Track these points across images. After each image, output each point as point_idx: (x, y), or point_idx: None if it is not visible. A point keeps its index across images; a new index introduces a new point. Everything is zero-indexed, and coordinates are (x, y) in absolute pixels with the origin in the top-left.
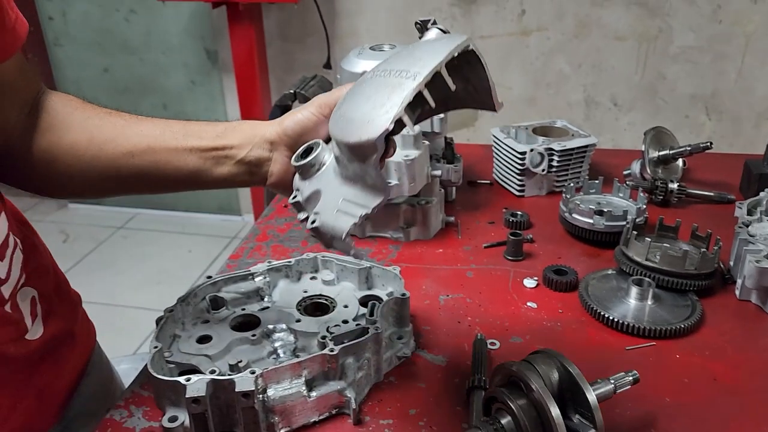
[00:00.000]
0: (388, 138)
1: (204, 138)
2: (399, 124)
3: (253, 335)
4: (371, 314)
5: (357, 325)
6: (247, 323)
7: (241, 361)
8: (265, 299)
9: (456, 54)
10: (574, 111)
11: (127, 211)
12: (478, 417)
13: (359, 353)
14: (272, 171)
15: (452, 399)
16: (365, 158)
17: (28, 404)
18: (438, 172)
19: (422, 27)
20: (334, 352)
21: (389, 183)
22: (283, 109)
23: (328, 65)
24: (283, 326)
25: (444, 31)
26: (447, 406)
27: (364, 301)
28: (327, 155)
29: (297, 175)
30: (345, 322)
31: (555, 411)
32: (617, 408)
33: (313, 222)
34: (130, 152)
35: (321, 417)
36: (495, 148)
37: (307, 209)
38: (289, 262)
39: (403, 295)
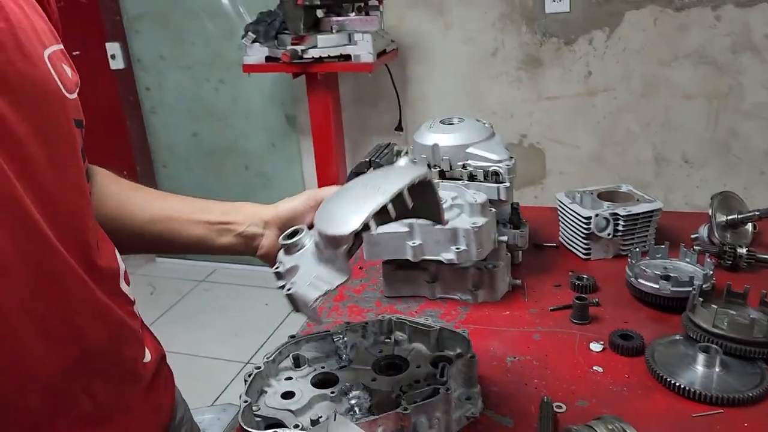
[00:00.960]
0: (357, 235)
1: (213, 213)
2: (365, 227)
3: (332, 392)
4: (441, 375)
5: (428, 385)
6: (326, 381)
7: (321, 417)
8: (343, 357)
9: (416, 182)
10: (643, 169)
11: (209, 265)
12: None
13: (430, 412)
14: (263, 244)
15: None
16: (337, 247)
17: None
18: (504, 238)
19: (397, 154)
20: (407, 411)
21: (456, 249)
22: (358, 175)
23: (399, 128)
24: (360, 384)
25: (413, 160)
26: None
27: (434, 362)
28: (308, 239)
29: (281, 251)
30: (417, 382)
31: None
32: None
33: (289, 290)
34: (152, 220)
35: None
36: (560, 212)
37: (285, 279)
38: (365, 323)
39: (472, 356)
